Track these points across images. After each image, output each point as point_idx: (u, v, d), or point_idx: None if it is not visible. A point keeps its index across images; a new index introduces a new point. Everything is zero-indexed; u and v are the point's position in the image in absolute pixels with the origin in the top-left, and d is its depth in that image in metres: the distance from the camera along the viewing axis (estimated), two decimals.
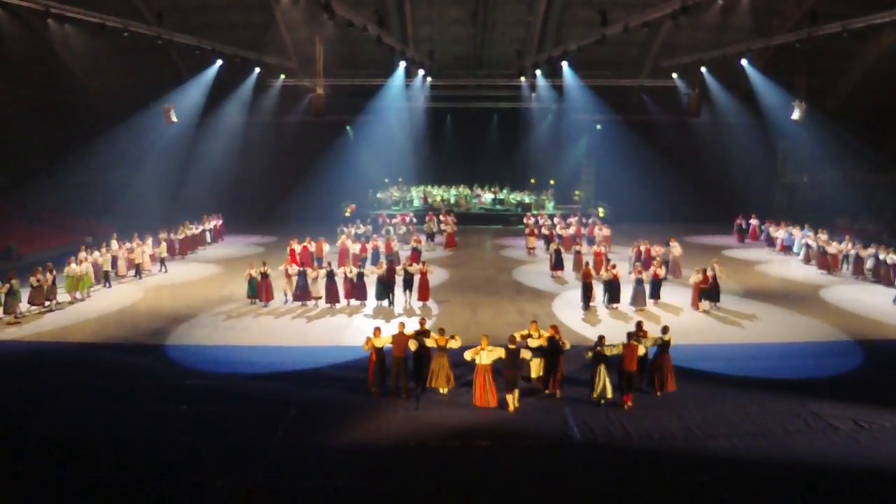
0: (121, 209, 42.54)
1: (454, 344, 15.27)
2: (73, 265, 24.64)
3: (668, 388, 15.14)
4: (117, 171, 44.22)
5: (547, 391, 15.19)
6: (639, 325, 15.77)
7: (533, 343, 15.29)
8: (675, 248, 28.71)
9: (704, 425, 13.53)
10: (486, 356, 14.52)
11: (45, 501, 10.95)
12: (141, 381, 16.44)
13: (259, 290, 23.91)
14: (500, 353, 14.49)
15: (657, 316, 21.97)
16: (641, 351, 14.96)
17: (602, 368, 14.61)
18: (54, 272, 23.66)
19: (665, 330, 15.49)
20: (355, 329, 20.70)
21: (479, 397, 14.59)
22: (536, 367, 15.29)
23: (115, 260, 28.36)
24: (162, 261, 30.35)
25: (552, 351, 15.15)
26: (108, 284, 26.90)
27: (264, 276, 23.91)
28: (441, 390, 15.22)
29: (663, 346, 15.21)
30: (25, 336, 20.39)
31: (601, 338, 14.94)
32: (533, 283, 27.73)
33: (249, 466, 12.03)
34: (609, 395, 14.54)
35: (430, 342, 15.37)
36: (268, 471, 11.85)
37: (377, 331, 15.63)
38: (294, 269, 24.48)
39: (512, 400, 14.42)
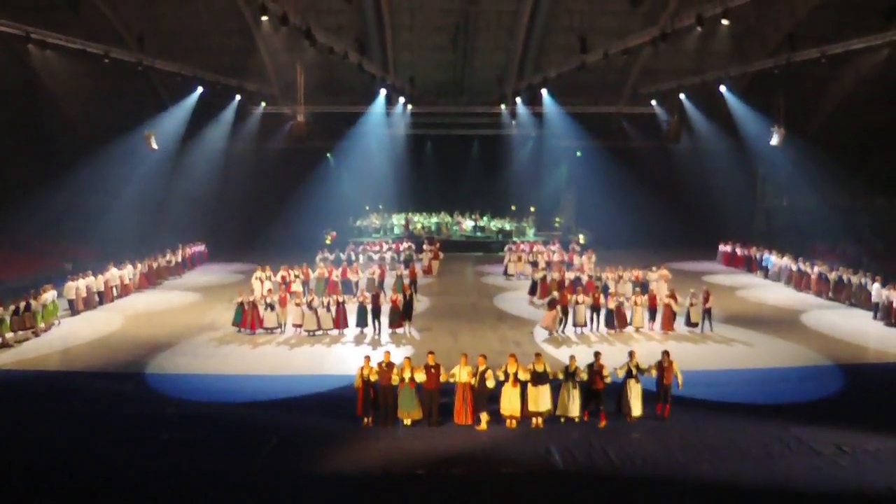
0: (101, 235, 42.19)
1: (418, 377, 14.98)
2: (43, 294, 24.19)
3: (634, 413, 15.10)
4: (98, 196, 43.83)
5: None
6: (596, 354, 15.61)
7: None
8: (656, 275, 28.58)
9: (687, 451, 13.51)
10: (463, 374, 14.79)
11: None
12: (121, 409, 16.24)
13: (244, 317, 23.56)
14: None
15: (638, 341, 22.10)
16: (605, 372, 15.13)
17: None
18: (36, 298, 23.34)
19: (631, 355, 15.49)
20: (335, 357, 20.60)
21: (455, 414, 14.95)
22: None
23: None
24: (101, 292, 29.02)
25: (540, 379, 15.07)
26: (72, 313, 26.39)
27: (242, 304, 23.67)
28: (405, 421, 15.00)
29: (629, 371, 15.18)
30: (5, 364, 20.03)
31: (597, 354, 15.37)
32: (514, 309, 27.67)
33: (230, 494, 11.87)
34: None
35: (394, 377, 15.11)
36: (249, 499, 11.69)
37: (367, 360, 15.43)
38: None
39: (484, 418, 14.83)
